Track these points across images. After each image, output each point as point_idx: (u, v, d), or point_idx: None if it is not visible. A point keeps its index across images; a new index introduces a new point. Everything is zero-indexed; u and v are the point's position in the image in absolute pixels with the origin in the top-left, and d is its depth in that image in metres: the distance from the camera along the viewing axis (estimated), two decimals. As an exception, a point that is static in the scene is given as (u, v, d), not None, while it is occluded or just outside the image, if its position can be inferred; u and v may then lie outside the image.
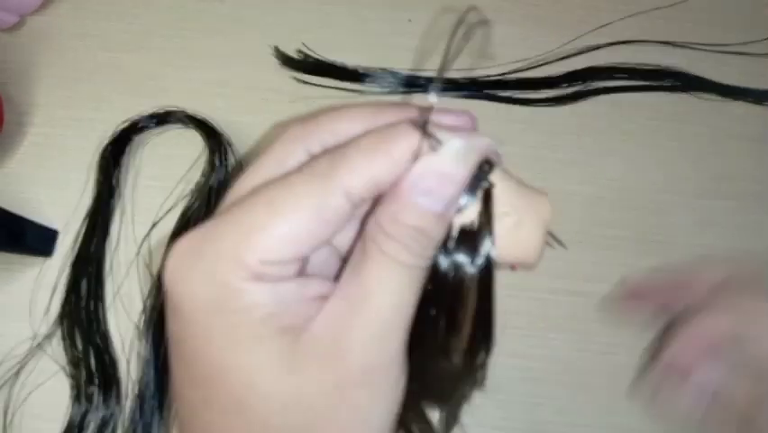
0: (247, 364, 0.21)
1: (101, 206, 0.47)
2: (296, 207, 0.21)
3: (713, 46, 0.56)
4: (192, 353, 0.22)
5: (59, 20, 0.54)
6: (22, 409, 0.43)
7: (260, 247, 0.21)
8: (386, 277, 0.21)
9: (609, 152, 0.53)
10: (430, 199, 0.21)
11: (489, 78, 0.54)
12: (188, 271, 0.21)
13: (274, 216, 0.21)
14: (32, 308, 0.45)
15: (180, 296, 0.22)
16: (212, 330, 0.21)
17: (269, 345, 0.21)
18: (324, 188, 0.21)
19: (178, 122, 0.50)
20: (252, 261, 0.21)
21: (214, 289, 0.21)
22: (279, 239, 0.21)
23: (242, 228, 0.21)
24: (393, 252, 0.21)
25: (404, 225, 0.21)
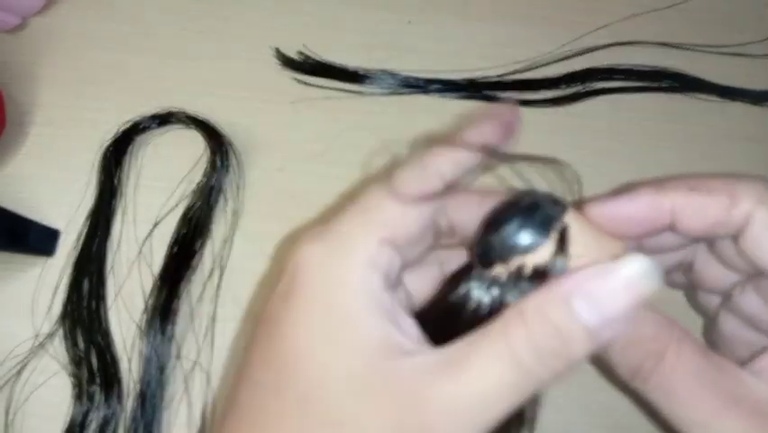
0: (331, 363, 0.21)
1: (103, 206, 0.47)
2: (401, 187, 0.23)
3: (712, 47, 0.56)
4: (282, 335, 0.22)
5: (61, 21, 0.54)
6: (23, 408, 0.43)
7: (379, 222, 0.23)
8: (495, 363, 0.20)
9: (608, 152, 0.53)
10: (589, 307, 0.20)
11: (487, 79, 0.54)
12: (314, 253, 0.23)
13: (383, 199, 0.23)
14: (33, 308, 0.45)
15: (299, 278, 0.23)
16: (312, 316, 0.22)
17: (359, 353, 0.21)
18: (421, 168, 0.24)
19: (179, 122, 0.50)
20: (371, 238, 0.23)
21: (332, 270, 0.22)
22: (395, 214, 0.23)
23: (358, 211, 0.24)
24: (516, 340, 0.20)
25: (546, 318, 0.20)
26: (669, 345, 0.22)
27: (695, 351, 0.23)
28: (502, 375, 0.20)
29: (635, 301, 0.20)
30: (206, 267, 0.47)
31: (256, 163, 0.50)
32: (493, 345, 0.20)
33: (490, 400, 0.20)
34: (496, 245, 0.24)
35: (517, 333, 0.20)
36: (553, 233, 0.23)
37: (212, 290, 0.46)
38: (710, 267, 0.28)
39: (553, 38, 0.56)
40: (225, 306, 0.46)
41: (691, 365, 0.22)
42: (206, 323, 0.45)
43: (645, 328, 0.23)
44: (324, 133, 0.51)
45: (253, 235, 0.48)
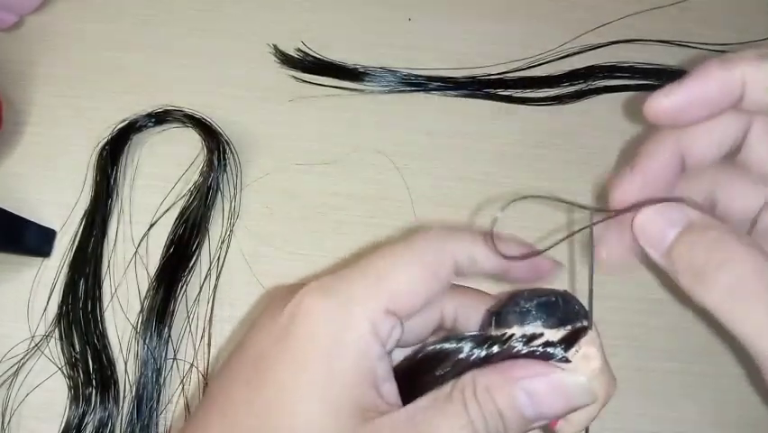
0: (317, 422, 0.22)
1: (99, 205, 0.47)
2: (416, 260, 0.25)
3: (714, 45, 0.56)
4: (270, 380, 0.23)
5: (57, 19, 0.53)
6: (19, 409, 0.43)
7: (388, 291, 0.24)
8: (449, 422, 0.23)
9: (610, 151, 0.52)
10: (529, 401, 0.23)
11: (489, 76, 0.54)
12: (321, 307, 0.24)
13: (399, 265, 0.25)
14: (29, 309, 0.45)
15: (301, 328, 0.24)
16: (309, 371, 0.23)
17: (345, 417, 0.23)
18: (437, 248, 0.25)
19: (176, 121, 0.50)
20: (379, 306, 0.24)
21: (337, 329, 0.23)
22: (404, 284, 0.24)
23: (371, 275, 0.24)
24: (471, 412, 0.23)
25: (493, 401, 0.23)
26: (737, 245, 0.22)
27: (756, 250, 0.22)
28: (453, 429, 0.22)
29: (567, 409, 0.24)
30: (203, 268, 0.46)
31: (254, 162, 0.50)
32: (455, 413, 0.23)
33: None
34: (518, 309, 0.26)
35: (472, 406, 0.23)
36: (569, 326, 0.25)
37: (208, 291, 0.46)
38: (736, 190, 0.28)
39: (554, 35, 0.55)
40: (222, 307, 0.45)
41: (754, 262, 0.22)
42: (203, 324, 0.45)
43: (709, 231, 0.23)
44: (322, 132, 0.51)
45: (251, 235, 0.47)
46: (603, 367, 0.26)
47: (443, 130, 0.51)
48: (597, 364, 0.25)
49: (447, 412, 0.23)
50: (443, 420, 0.23)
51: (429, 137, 0.51)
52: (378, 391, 0.24)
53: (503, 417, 0.23)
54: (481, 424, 0.23)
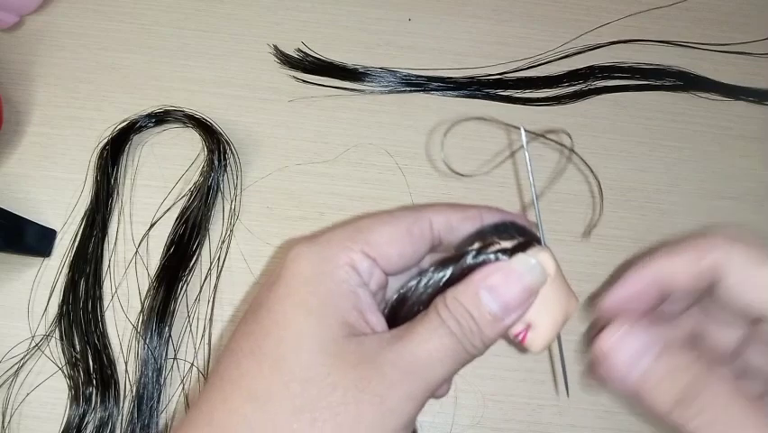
0: (306, 331, 0.25)
1: (99, 205, 0.47)
2: (394, 221, 0.28)
3: (715, 45, 0.56)
4: (265, 311, 0.26)
5: (57, 20, 0.53)
6: (20, 409, 0.43)
7: (364, 239, 0.27)
8: (433, 334, 0.25)
9: (610, 151, 0.52)
10: (491, 297, 0.26)
11: (489, 77, 0.54)
12: (304, 251, 0.27)
13: (377, 223, 0.28)
14: (30, 309, 0.45)
15: (289, 269, 0.27)
16: (295, 295, 0.26)
17: (330, 327, 0.25)
18: (416, 214, 0.28)
19: (176, 121, 0.50)
20: (356, 248, 0.27)
21: (318, 263, 0.26)
22: (380, 237, 0.27)
23: (350, 228, 0.28)
24: (446, 318, 0.26)
25: (461, 305, 0.26)
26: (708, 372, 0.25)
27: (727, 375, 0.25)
28: (441, 341, 0.25)
29: (524, 290, 0.27)
30: (204, 268, 0.46)
31: (254, 162, 0.50)
32: (431, 321, 0.26)
33: (434, 361, 0.25)
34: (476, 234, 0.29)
35: (444, 312, 0.26)
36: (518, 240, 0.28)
37: (209, 291, 0.46)
38: (716, 330, 0.31)
39: (554, 36, 0.55)
40: (222, 307, 0.46)
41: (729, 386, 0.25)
42: (203, 324, 0.45)
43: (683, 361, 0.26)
44: (322, 132, 0.51)
45: (251, 235, 0.48)
46: (558, 274, 0.28)
47: (443, 130, 0.51)
48: (552, 269, 0.28)
49: (425, 323, 0.26)
50: (422, 329, 0.25)
51: (429, 137, 0.51)
52: (363, 317, 0.26)
53: (473, 317, 0.26)
54: (455, 326, 0.25)
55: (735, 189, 0.52)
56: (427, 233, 0.29)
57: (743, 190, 0.52)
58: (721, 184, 0.52)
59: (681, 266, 0.28)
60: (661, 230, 0.50)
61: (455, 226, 0.29)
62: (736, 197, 0.51)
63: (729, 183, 0.52)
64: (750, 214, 0.51)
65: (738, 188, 0.52)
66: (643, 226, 0.50)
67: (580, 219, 0.50)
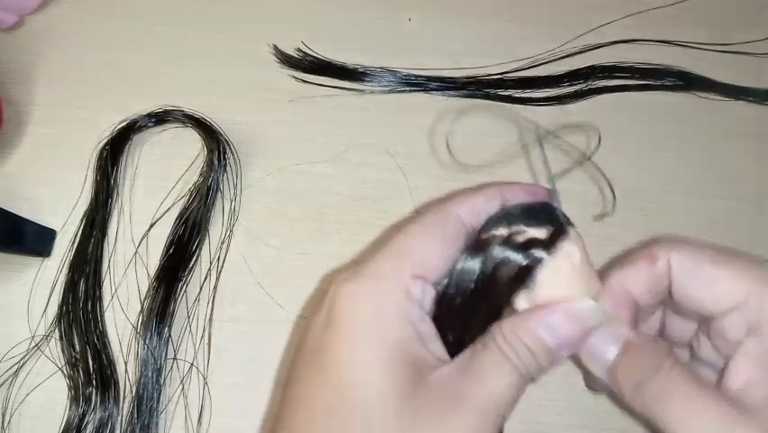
0: (386, 388, 0.25)
1: (99, 205, 0.47)
2: (429, 231, 0.28)
3: (714, 45, 0.56)
4: (332, 363, 0.26)
5: (58, 20, 0.53)
6: (20, 409, 0.43)
7: (411, 262, 0.27)
8: (498, 367, 0.26)
9: (610, 151, 0.52)
10: (550, 335, 0.27)
11: (489, 77, 0.54)
12: (357, 289, 0.27)
13: (416, 240, 0.28)
14: (29, 309, 0.45)
15: (346, 311, 0.26)
16: (363, 343, 0.26)
17: (406, 376, 0.25)
18: (445, 215, 0.29)
19: (176, 121, 0.50)
20: (406, 275, 0.27)
21: (377, 303, 0.26)
22: (423, 253, 0.28)
23: (393, 254, 0.28)
24: (508, 353, 0.26)
25: (520, 340, 0.27)
26: (663, 358, 0.27)
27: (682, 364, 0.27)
28: (507, 377, 0.26)
29: (582, 330, 0.28)
30: (203, 268, 0.46)
31: (254, 162, 0.50)
32: (494, 355, 0.27)
33: (506, 395, 0.26)
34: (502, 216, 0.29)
35: (506, 347, 0.27)
36: (550, 227, 0.28)
37: (208, 291, 0.46)
38: (675, 323, 0.34)
39: (555, 35, 0.55)
40: (222, 307, 0.45)
41: (682, 372, 0.26)
42: (203, 324, 0.45)
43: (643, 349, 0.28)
44: (322, 132, 0.51)
45: (251, 236, 0.47)
46: (583, 260, 0.28)
47: (443, 130, 0.51)
48: (577, 258, 0.28)
49: (489, 358, 0.26)
50: (488, 362, 0.26)
51: (429, 137, 0.51)
52: (427, 348, 0.27)
53: (532, 351, 0.26)
54: (517, 360, 0.26)
55: (735, 189, 0.52)
56: (461, 228, 0.29)
57: (743, 190, 0.52)
58: (721, 184, 0.52)
59: (637, 275, 0.30)
60: (661, 230, 0.50)
61: (481, 210, 0.30)
62: (736, 197, 0.51)
63: (729, 183, 0.52)
64: (750, 214, 0.51)
65: (738, 188, 0.52)
66: (643, 226, 0.50)
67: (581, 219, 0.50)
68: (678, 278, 0.29)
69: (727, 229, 0.50)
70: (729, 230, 0.50)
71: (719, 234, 0.50)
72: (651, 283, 0.30)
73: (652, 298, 0.31)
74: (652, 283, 0.30)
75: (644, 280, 0.30)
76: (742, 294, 0.28)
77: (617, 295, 0.30)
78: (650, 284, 0.30)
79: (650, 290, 0.30)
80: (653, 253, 0.30)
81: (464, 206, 0.29)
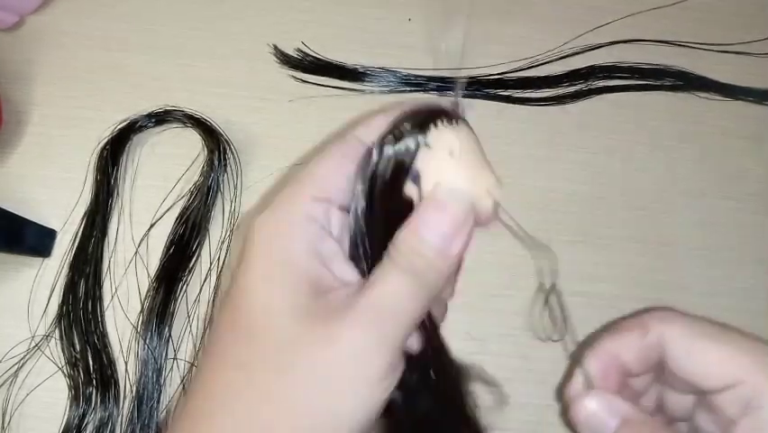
0: (271, 300, 0.25)
1: (99, 205, 0.47)
2: (327, 154, 0.28)
3: (714, 45, 0.56)
4: (236, 286, 0.27)
5: (58, 20, 0.53)
6: (20, 409, 0.43)
7: (309, 184, 0.27)
8: (390, 276, 0.26)
9: (610, 151, 0.52)
10: (429, 232, 0.26)
11: (489, 76, 0.54)
12: (261, 219, 0.27)
13: (314, 165, 0.28)
14: (30, 309, 0.45)
15: (250, 241, 0.27)
16: (257, 265, 0.26)
17: (295, 291, 0.25)
18: (342, 139, 0.29)
19: (176, 121, 0.50)
20: (305, 198, 0.27)
21: (274, 228, 0.27)
22: (321, 174, 0.28)
23: (293, 181, 0.28)
24: (398, 260, 0.26)
25: (406, 244, 0.26)
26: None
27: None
28: (398, 281, 0.26)
29: (454, 218, 0.26)
30: (204, 268, 0.46)
31: (254, 162, 0.50)
32: (385, 265, 0.26)
33: (399, 301, 0.25)
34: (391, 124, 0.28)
35: (396, 256, 0.26)
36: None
37: (209, 291, 0.46)
38: (672, 396, 0.33)
39: (554, 36, 0.55)
40: (223, 307, 0.45)
41: None
42: (203, 324, 0.45)
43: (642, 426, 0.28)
44: (323, 132, 0.51)
45: (251, 235, 0.47)
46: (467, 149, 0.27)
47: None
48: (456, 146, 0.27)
49: (381, 269, 0.26)
50: (380, 275, 0.26)
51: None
52: (330, 269, 0.27)
53: (420, 253, 0.26)
54: (408, 264, 0.26)
55: (735, 189, 0.52)
56: (360, 148, 0.29)
57: (743, 190, 0.52)
58: (721, 184, 0.52)
59: (628, 344, 0.31)
60: (661, 230, 0.50)
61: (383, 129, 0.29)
62: (736, 197, 0.51)
63: (729, 183, 0.52)
64: (750, 214, 0.51)
65: (738, 188, 0.52)
66: (643, 226, 0.50)
67: (581, 219, 0.50)
68: (672, 353, 0.30)
69: (727, 229, 0.50)
70: (729, 230, 0.50)
71: (719, 234, 0.50)
72: (641, 353, 0.31)
73: (642, 367, 0.31)
74: (642, 353, 0.31)
75: (634, 350, 0.31)
76: (737, 374, 0.28)
77: (605, 360, 0.31)
78: (640, 354, 0.31)
79: (640, 360, 0.31)
80: (646, 323, 0.30)
81: (367, 127, 0.29)
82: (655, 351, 0.30)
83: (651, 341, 0.30)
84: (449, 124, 0.27)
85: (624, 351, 0.31)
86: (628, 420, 0.28)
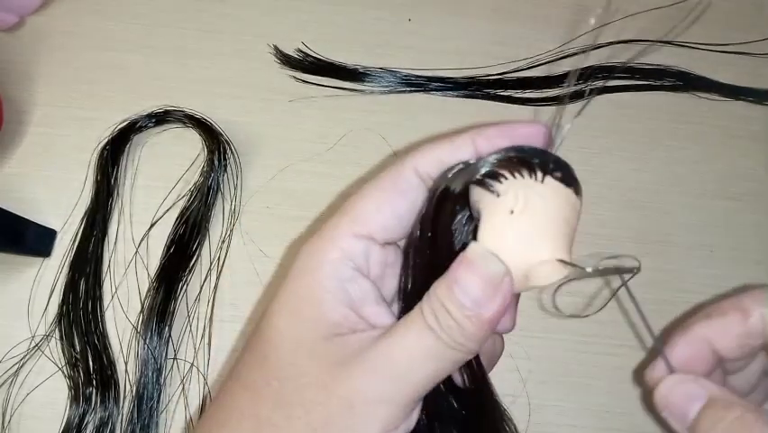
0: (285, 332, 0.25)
1: (99, 205, 0.47)
2: (376, 186, 0.26)
3: (714, 45, 0.56)
4: (268, 310, 0.26)
5: (58, 20, 0.53)
6: (20, 409, 0.43)
7: (351, 220, 0.26)
8: (411, 331, 0.24)
9: (610, 151, 0.52)
10: (460, 290, 0.24)
11: (489, 77, 0.54)
12: (301, 249, 0.27)
13: (360, 197, 0.27)
14: (30, 309, 0.45)
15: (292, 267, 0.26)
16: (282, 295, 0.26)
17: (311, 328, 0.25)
18: (398, 167, 0.26)
19: (176, 121, 0.50)
20: (344, 233, 0.26)
21: (305, 260, 0.26)
22: (366, 209, 0.26)
23: (336, 213, 0.27)
24: (426, 314, 0.24)
25: (438, 299, 0.24)
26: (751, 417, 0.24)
27: None
28: (419, 338, 0.24)
29: (486, 282, 0.24)
30: (204, 268, 0.46)
31: (254, 162, 0.50)
32: (414, 317, 0.24)
33: (413, 360, 0.24)
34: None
35: (426, 310, 0.24)
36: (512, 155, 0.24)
37: (209, 291, 0.46)
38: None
39: (554, 36, 0.55)
40: (223, 307, 0.45)
41: None
42: (203, 324, 0.45)
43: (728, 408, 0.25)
44: (323, 132, 0.51)
45: (251, 236, 0.47)
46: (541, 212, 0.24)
47: (443, 130, 0.51)
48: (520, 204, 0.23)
49: (407, 319, 0.24)
50: (403, 327, 0.24)
51: (429, 137, 0.51)
52: (356, 312, 0.26)
53: (449, 312, 0.23)
54: (434, 322, 0.24)
55: (735, 189, 0.52)
56: (415, 181, 0.26)
57: (743, 190, 0.52)
58: (721, 184, 0.52)
59: (727, 328, 0.28)
60: (661, 230, 0.50)
61: (447, 163, 0.26)
62: (736, 197, 0.51)
63: (729, 183, 0.52)
64: (750, 214, 0.51)
65: (738, 188, 0.52)
66: (643, 226, 0.50)
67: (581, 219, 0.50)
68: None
69: (727, 229, 0.50)
70: (729, 230, 0.50)
71: (719, 234, 0.50)
72: (742, 339, 0.27)
73: (739, 354, 0.28)
74: (743, 339, 0.27)
75: (733, 336, 0.27)
76: None
77: (695, 346, 0.28)
78: (741, 340, 0.27)
79: (738, 347, 0.28)
80: (745, 306, 0.27)
81: (424, 158, 0.26)
82: (758, 337, 0.27)
83: (753, 326, 0.27)
84: (529, 177, 0.24)
85: (719, 337, 0.28)
86: (714, 401, 0.25)
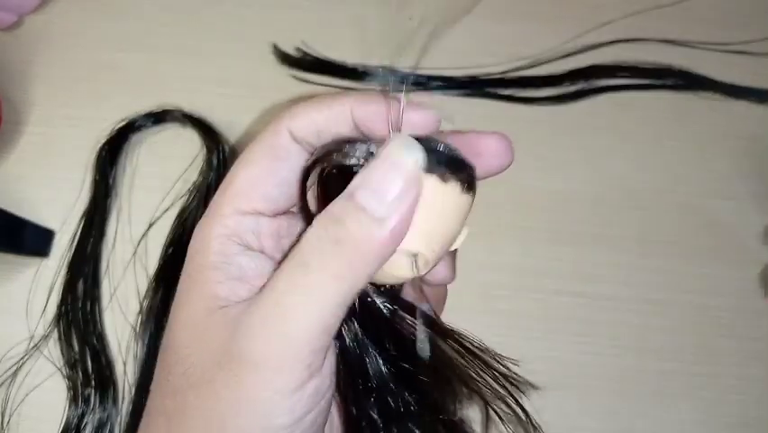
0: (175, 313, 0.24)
1: (98, 205, 0.47)
2: (254, 158, 0.25)
3: (715, 45, 0.56)
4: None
5: (57, 19, 0.53)
6: (18, 410, 0.43)
7: (231, 197, 0.25)
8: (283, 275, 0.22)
9: (611, 150, 0.52)
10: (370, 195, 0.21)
11: (490, 76, 0.54)
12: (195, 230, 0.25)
13: (237, 170, 0.25)
14: (28, 309, 0.45)
15: None
16: (183, 282, 0.25)
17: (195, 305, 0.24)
18: (273, 133, 0.25)
19: (175, 121, 0.50)
20: (226, 211, 0.24)
21: (193, 243, 0.25)
22: (243, 185, 0.25)
23: (218, 191, 0.25)
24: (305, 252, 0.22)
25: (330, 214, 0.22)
26: None
27: None
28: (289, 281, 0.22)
29: (405, 177, 0.22)
30: (203, 268, 0.46)
31: (253, 162, 0.50)
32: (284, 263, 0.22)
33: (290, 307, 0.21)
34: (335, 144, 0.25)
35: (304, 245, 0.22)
36: None
37: (208, 291, 0.45)
38: None
39: (556, 35, 0.55)
40: (222, 307, 0.45)
41: None
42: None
43: None
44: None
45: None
46: None
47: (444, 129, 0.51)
48: None
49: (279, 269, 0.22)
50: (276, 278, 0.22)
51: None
52: (250, 284, 0.24)
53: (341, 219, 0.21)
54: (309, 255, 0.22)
55: (735, 189, 0.52)
56: (293, 147, 0.25)
57: (743, 190, 0.52)
58: (721, 184, 0.52)
59: None
60: (661, 230, 0.50)
61: (322, 130, 0.25)
62: (736, 197, 0.51)
63: (729, 183, 0.52)
64: (750, 214, 0.51)
65: (738, 188, 0.52)
66: (643, 226, 0.50)
67: (581, 219, 0.50)
68: None
69: (727, 229, 0.50)
70: (729, 230, 0.50)
71: (719, 234, 0.50)
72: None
73: None
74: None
75: None
76: None
77: None
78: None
79: None
80: None
81: (298, 120, 0.25)
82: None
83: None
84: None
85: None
86: None
